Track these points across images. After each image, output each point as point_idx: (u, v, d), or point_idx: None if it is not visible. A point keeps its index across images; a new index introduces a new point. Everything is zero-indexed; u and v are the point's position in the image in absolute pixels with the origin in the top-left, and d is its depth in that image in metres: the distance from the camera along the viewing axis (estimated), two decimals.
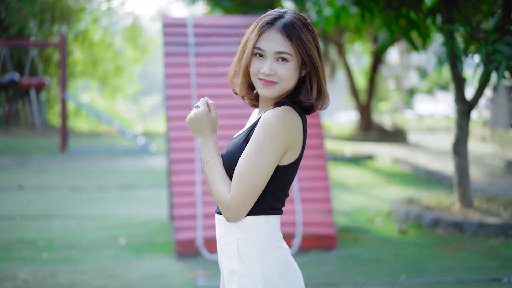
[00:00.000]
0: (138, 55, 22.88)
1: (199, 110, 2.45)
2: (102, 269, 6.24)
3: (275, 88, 2.36)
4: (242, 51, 2.44)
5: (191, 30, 7.38)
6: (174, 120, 7.08)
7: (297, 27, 2.33)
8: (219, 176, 2.36)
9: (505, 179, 11.44)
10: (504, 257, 6.62)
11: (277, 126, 2.29)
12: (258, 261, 2.34)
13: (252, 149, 2.30)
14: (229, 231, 2.40)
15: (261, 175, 2.30)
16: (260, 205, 2.37)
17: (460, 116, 8.15)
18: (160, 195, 10.09)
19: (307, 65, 2.36)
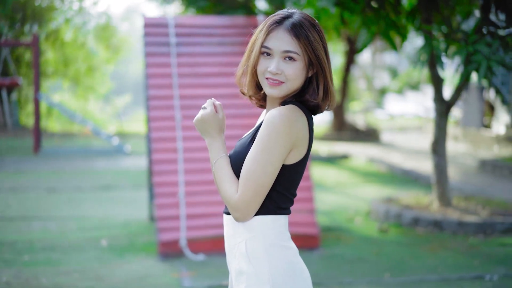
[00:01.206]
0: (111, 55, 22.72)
1: (206, 111, 2.45)
2: (85, 271, 6.19)
3: (281, 88, 2.37)
4: (250, 50, 2.45)
5: (172, 30, 7.36)
6: (156, 121, 7.05)
7: (305, 27, 2.34)
8: (226, 177, 2.37)
9: (479, 178, 11.58)
10: (485, 255, 6.71)
11: (281, 125, 2.29)
12: (266, 261, 2.35)
13: (258, 149, 2.31)
14: (237, 231, 2.41)
15: (267, 174, 2.30)
16: (267, 204, 2.37)
17: (439, 116, 8.23)
18: (139, 196, 10.04)
19: (314, 65, 2.37)
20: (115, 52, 22.72)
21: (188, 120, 7.10)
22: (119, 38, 23.07)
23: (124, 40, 23.18)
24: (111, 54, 22.69)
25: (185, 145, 7.00)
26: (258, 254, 2.36)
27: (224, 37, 7.54)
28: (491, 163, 12.48)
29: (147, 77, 7.18)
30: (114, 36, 22.84)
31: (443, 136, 8.27)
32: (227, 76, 7.37)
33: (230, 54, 7.49)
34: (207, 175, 6.98)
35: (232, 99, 7.28)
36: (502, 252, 6.83)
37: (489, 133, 16.16)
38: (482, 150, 15.53)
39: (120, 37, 23.22)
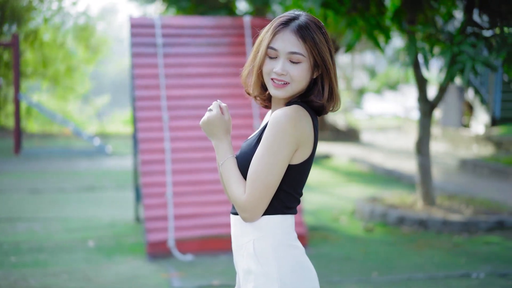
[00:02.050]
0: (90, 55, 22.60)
1: (212, 113, 2.46)
2: (73, 272, 6.18)
3: (286, 89, 2.39)
4: (256, 51, 2.46)
5: (159, 30, 7.36)
6: (143, 121, 7.05)
7: (311, 29, 2.36)
8: (234, 178, 2.39)
9: (460, 177, 11.69)
10: (470, 253, 6.79)
11: (286, 124, 2.31)
12: (274, 260, 2.37)
13: (263, 149, 2.33)
14: (245, 231, 2.43)
15: (273, 174, 2.33)
16: (275, 204, 2.40)
17: (423, 116, 8.32)
18: (123, 197, 10.03)
19: (320, 66, 2.40)
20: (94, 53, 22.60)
21: (176, 121, 7.10)
22: (98, 38, 22.95)
23: (103, 40, 23.06)
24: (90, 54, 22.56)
25: (173, 145, 7.01)
26: (266, 254, 2.38)
27: (210, 37, 7.56)
28: (471, 162, 12.60)
29: (134, 77, 7.17)
30: (93, 36, 22.71)
31: (427, 136, 8.35)
32: (214, 76, 7.39)
33: (216, 54, 7.51)
34: (195, 176, 6.99)
35: (219, 99, 7.28)
36: (487, 250, 6.91)
37: (468, 132, 16.32)
38: (461, 150, 15.68)
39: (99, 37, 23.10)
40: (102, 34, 25.37)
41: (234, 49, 7.56)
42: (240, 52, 7.52)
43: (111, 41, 25.62)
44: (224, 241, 6.82)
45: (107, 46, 24.16)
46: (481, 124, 16.77)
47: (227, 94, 7.35)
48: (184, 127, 7.13)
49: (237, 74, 7.45)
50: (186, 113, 7.18)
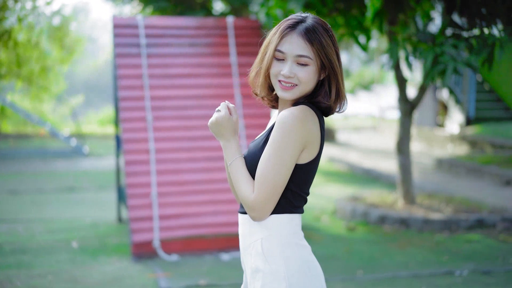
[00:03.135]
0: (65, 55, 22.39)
1: (220, 114, 2.49)
2: (59, 273, 6.16)
3: (294, 91, 2.43)
4: (264, 53, 2.49)
5: (142, 31, 7.36)
6: (128, 122, 7.05)
7: (318, 32, 2.40)
8: (242, 177, 2.42)
9: (438, 176, 11.82)
10: (452, 251, 6.89)
11: (293, 125, 2.35)
12: (282, 259, 2.40)
13: (271, 149, 2.36)
14: (253, 230, 2.46)
15: (281, 174, 2.36)
16: (283, 203, 2.43)
17: (403, 116, 8.41)
18: (104, 197, 10.00)
19: (327, 68, 2.43)
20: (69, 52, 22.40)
21: (160, 121, 7.11)
22: (73, 38, 22.74)
23: (78, 40, 22.86)
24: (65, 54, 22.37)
25: (157, 146, 7.02)
26: (274, 253, 2.42)
27: (194, 38, 7.58)
28: (447, 161, 12.74)
29: (118, 78, 7.16)
30: (68, 36, 22.51)
31: (407, 135, 8.45)
32: (197, 77, 7.41)
33: (200, 55, 7.53)
34: (179, 176, 7.01)
35: (203, 100, 7.33)
36: (468, 248, 7.02)
37: (443, 132, 16.50)
38: (436, 149, 15.84)
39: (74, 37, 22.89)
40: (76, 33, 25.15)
41: (217, 49, 7.59)
42: (223, 53, 7.55)
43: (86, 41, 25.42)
44: (209, 241, 6.84)
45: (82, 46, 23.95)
46: (455, 123, 16.96)
47: (211, 95, 7.37)
48: (168, 127, 7.14)
49: (220, 74, 7.48)
50: (170, 114, 7.19)
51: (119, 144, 8.14)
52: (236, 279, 5.92)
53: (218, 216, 6.91)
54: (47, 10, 22.15)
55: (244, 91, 7.39)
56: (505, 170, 10.76)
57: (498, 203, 8.74)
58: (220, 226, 6.87)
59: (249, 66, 7.97)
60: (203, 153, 7.14)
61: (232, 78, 7.42)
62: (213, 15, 13.78)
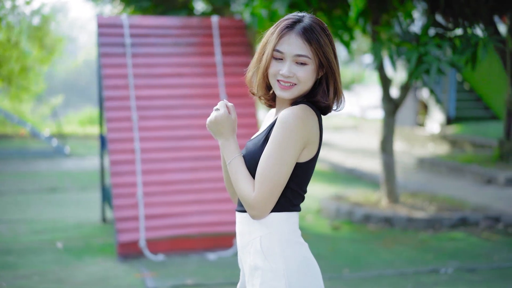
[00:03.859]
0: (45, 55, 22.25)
1: (219, 113, 2.49)
2: (44, 273, 6.13)
3: (293, 90, 2.44)
4: (261, 52, 2.50)
5: (127, 30, 7.34)
6: (113, 121, 7.02)
7: (316, 31, 2.41)
8: (242, 176, 2.43)
9: (420, 175, 11.91)
10: (436, 249, 6.94)
11: (295, 124, 2.36)
12: (281, 257, 2.42)
13: (272, 148, 2.37)
14: (252, 228, 2.47)
15: (282, 172, 2.37)
16: (282, 202, 2.45)
17: (387, 115, 8.46)
18: (87, 198, 9.96)
19: (325, 67, 2.45)
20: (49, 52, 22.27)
21: (145, 121, 7.10)
22: (53, 38, 22.61)
23: (59, 39, 22.73)
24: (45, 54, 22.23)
25: (142, 146, 7.00)
26: (273, 250, 2.43)
27: (179, 38, 7.57)
28: (428, 161, 12.83)
29: (103, 78, 7.14)
30: (48, 35, 22.38)
31: (391, 134, 8.51)
32: (183, 76, 7.41)
33: (185, 54, 7.52)
34: (165, 176, 7.00)
35: (188, 99, 7.33)
36: (452, 246, 7.08)
37: (423, 132, 16.61)
38: (417, 149, 15.95)
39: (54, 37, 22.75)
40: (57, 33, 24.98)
41: (202, 49, 7.58)
42: (208, 52, 7.55)
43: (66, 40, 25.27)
44: (195, 241, 6.84)
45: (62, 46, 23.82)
46: (436, 123, 17.09)
47: (196, 94, 7.37)
48: (153, 127, 7.13)
49: (205, 74, 7.48)
50: (156, 113, 7.18)
51: (103, 144, 8.11)
52: (222, 279, 5.93)
53: (204, 215, 6.91)
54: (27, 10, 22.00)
55: (229, 90, 7.39)
56: (486, 169, 10.87)
57: (480, 202, 8.83)
58: (206, 225, 6.87)
59: (234, 65, 8.01)
60: (189, 152, 7.13)
61: (217, 78, 7.42)
62: (195, 15, 13.77)
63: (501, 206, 8.56)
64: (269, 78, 2.49)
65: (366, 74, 32.92)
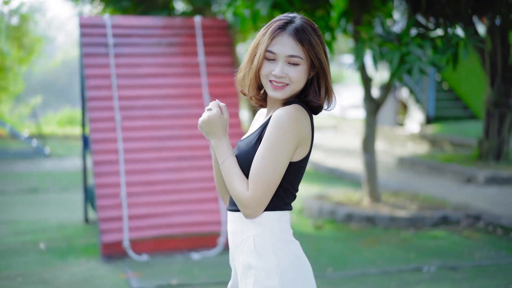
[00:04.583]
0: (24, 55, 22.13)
1: (212, 113, 2.51)
2: (28, 275, 6.10)
3: (285, 90, 2.47)
4: (253, 53, 2.52)
5: (109, 30, 7.32)
6: (96, 122, 7.01)
7: (307, 32, 2.44)
8: (235, 175, 2.45)
9: (400, 174, 11.99)
10: (418, 248, 7.00)
11: (289, 124, 2.39)
12: (274, 255, 2.44)
13: (266, 147, 2.39)
14: (245, 227, 2.49)
15: (276, 172, 2.39)
16: (275, 201, 2.47)
17: (369, 115, 8.52)
18: (69, 198, 9.92)
19: (316, 67, 2.48)
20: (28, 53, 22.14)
21: (128, 121, 7.09)
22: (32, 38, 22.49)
23: (38, 39, 22.61)
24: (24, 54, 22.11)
25: (126, 146, 6.99)
26: (266, 249, 2.45)
27: (162, 38, 7.57)
28: (408, 160, 12.93)
29: (86, 78, 7.12)
30: (27, 35, 22.25)
31: (372, 134, 8.56)
32: (166, 77, 7.41)
33: (168, 54, 7.52)
34: (149, 176, 6.99)
35: (171, 99, 7.33)
36: (434, 244, 7.15)
37: (403, 131, 16.73)
38: (397, 148, 16.06)
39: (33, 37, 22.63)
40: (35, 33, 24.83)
41: (185, 49, 7.59)
42: (191, 52, 7.55)
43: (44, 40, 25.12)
44: (179, 241, 6.84)
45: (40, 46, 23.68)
46: (415, 122, 17.21)
47: (179, 94, 7.37)
48: (137, 127, 7.12)
49: (188, 74, 7.48)
50: (139, 114, 7.18)
51: (86, 144, 8.08)
52: (207, 278, 5.94)
53: (188, 215, 6.92)
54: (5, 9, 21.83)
55: (212, 90, 7.40)
56: (465, 168, 10.97)
57: (461, 200, 8.91)
58: (190, 225, 6.88)
59: (217, 65, 8.02)
60: (172, 152, 7.14)
61: (200, 78, 7.43)
62: (175, 15, 13.75)
63: (481, 205, 8.65)
64: (261, 79, 2.51)
65: (346, 74, 33.08)
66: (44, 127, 23.14)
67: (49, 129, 22.98)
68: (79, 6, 18.22)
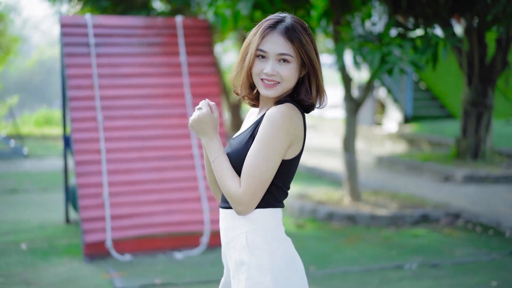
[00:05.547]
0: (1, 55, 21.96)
1: (202, 112, 2.53)
2: (10, 275, 6.07)
3: (276, 88, 2.50)
4: (244, 53, 2.55)
5: (91, 30, 7.30)
6: (78, 122, 6.98)
7: (297, 30, 2.48)
8: (227, 173, 2.47)
9: (379, 173, 12.08)
10: (400, 246, 7.07)
11: (282, 122, 2.42)
12: (267, 252, 2.47)
13: (260, 145, 2.42)
14: (237, 224, 2.52)
15: (268, 169, 2.43)
16: (267, 198, 2.50)
17: (349, 114, 8.58)
18: (49, 199, 9.87)
19: (306, 66, 2.52)
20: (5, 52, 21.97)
21: (110, 121, 7.08)
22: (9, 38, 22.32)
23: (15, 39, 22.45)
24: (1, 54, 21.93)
25: (108, 146, 6.98)
26: (259, 246, 2.48)
27: (143, 37, 7.56)
28: (387, 159, 13.02)
29: (67, 78, 7.09)
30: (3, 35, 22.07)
31: (353, 133, 8.63)
32: (147, 76, 7.40)
33: (149, 54, 7.52)
34: (131, 176, 6.99)
35: (153, 99, 7.33)
36: (414, 242, 7.22)
37: (381, 130, 16.84)
38: (375, 147, 16.16)
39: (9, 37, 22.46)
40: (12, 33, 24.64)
41: (167, 49, 7.59)
42: (173, 52, 7.56)
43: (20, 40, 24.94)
44: (162, 240, 6.85)
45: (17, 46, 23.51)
46: (393, 122, 17.34)
47: (161, 94, 7.37)
48: (119, 127, 7.11)
49: (170, 74, 7.49)
50: (121, 113, 7.17)
51: (67, 144, 8.06)
52: (190, 278, 5.96)
53: (171, 215, 6.92)
54: None
55: (194, 90, 7.41)
56: (443, 167, 11.08)
57: (440, 199, 9.00)
58: (173, 225, 6.89)
59: (199, 65, 8.01)
60: (154, 152, 7.14)
61: (182, 78, 7.44)
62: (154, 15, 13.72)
63: (460, 203, 8.75)
64: (253, 78, 2.54)
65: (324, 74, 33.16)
66: (21, 127, 22.97)
67: (27, 129, 22.81)
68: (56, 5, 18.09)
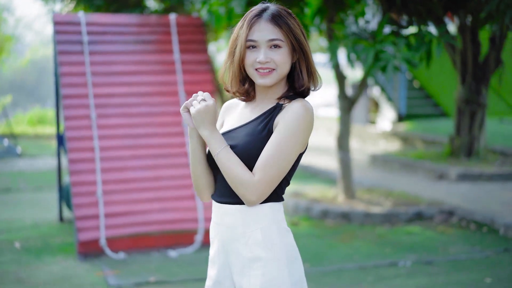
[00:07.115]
0: None
1: (209, 103, 2.48)
2: (4, 274, 6.06)
3: (272, 76, 2.50)
4: (233, 46, 2.54)
5: (84, 28, 7.28)
6: (71, 120, 6.97)
7: (283, 15, 2.49)
8: (236, 163, 2.44)
9: (374, 171, 12.09)
10: (393, 243, 7.08)
11: (308, 116, 2.45)
12: (281, 245, 2.48)
13: (283, 136, 2.41)
14: (249, 219, 2.49)
15: (288, 161, 2.43)
16: (277, 191, 2.51)
17: (343, 112, 8.58)
18: (42, 197, 9.85)
19: (296, 50, 2.52)
20: None
21: (104, 119, 7.06)
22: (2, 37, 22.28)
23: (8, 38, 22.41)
24: None
25: (102, 144, 6.97)
26: (275, 240, 2.48)
27: (137, 35, 7.55)
28: (381, 157, 13.03)
29: (60, 75, 7.08)
30: None
31: (347, 132, 8.63)
32: (141, 74, 7.39)
33: (143, 52, 7.51)
34: (125, 174, 6.97)
35: (146, 97, 7.31)
36: (409, 240, 7.23)
37: (375, 129, 16.85)
38: (369, 146, 16.17)
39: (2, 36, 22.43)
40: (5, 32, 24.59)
41: (160, 47, 7.58)
42: (166, 50, 7.54)
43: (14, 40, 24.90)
44: (156, 238, 6.84)
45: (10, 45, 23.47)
46: (387, 120, 17.35)
47: (154, 92, 7.36)
48: (112, 125, 7.10)
49: (164, 72, 7.48)
50: (114, 111, 7.15)
51: (60, 142, 8.03)
52: (185, 276, 5.95)
53: (165, 213, 6.91)
54: None
55: (187, 88, 7.40)
56: (437, 165, 11.09)
57: (434, 196, 9.02)
58: (167, 223, 6.87)
59: (193, 63, 8.00)
60: (148, 150, 7.13)
61: (176, 75, 7.43)
62: (148, 13, 13.71)
63: (454, 201, 8.76)
64: (246, 70, 2.53)
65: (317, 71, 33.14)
66: (15, 126, 22.91)
67: (20, 128, 22.74)
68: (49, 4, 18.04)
